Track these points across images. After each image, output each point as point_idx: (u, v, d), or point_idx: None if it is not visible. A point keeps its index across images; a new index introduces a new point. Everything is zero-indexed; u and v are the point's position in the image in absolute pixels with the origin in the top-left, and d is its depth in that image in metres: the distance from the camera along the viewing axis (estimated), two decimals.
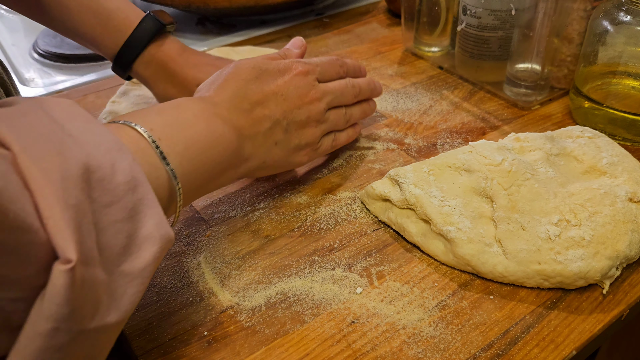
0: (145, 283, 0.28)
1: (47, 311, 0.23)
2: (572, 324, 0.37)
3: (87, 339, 0.25)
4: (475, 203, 0.41)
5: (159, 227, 0.29)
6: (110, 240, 0.26)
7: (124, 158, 0.28)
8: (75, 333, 0.24)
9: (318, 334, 0.36)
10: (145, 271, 0.28)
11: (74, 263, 0.23)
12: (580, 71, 0.55)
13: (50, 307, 0.23)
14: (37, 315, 0.23)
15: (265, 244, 0.44)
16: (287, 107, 0.43)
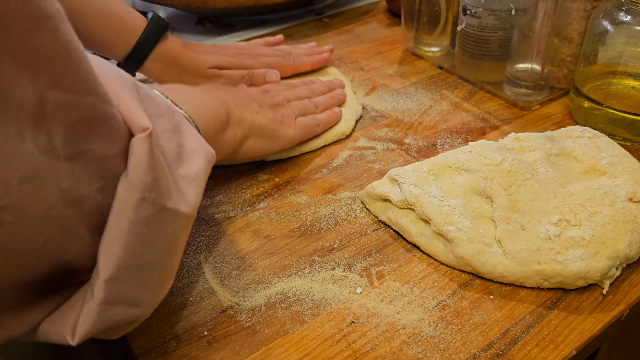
0: (200, 188, 0.32)
1: (133, 181, 0.25)
2: (572, 324, 0.37)
3: (167, 220, 0.28)
4: (475, 203, 0.41)
5: (200, 142, 0.33)
6: (166, 145, 0.30)
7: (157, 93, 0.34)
8: (158, 207, 0.27)
9: (318, 334, 0.36)
10: (199, 176, 0.32)
11: (150, 130, 0.26)
12: (580, 71, 0.55)
13: (135, 177, 0.25)
14: (124, 189, 0.25)
15: (265, 244, 0.44)
16: (254, 96, 0.50)
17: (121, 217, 0.25)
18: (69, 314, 0.26)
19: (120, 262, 0.26)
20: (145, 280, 0.28)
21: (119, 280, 0.26)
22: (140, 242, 0.26)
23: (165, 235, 0.28)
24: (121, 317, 0.27)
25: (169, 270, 0.31)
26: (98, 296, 0.26)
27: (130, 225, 0.25)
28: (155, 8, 0.89)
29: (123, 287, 0.26)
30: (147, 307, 0.29)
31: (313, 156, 0.54)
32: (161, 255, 0.28)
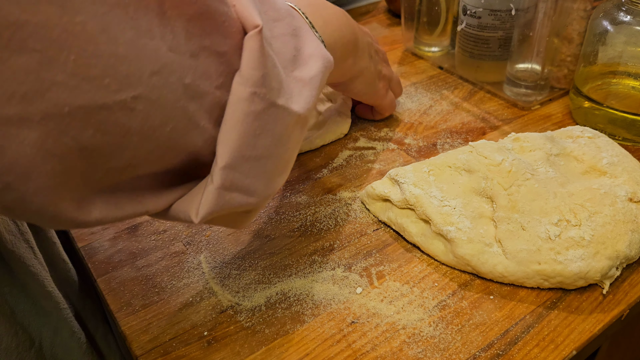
0: (315, 91, 0.33)
1: (245, 76, 0.27)
2: (572, 324, 0.37)
3: (277, 116, 0.29)
4: (475, 203, 0.41)
5: (319, 48, 0.34)
6: (281, 48, 0.31)
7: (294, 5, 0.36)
8: (268, 103, 0.28)
9: (318, 334, 0.36)
10: (314, 80, 0.33)
11: (260, 27, 0.27)
12: (580, 71, 0.55)
13: (246, 72, 0.27)
14: (237, 85, 0.27)
15: (265, 244, 0.44)
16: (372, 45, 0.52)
17: (235, 109, 0.27)
18: (194, 197, 0.29)
19: (235, 151, 0.28)
20: (259, 170, 0.30)
21: (234, 167, 0.28)
22: (253, 133, 0.28)
23: (276, 129, 0.29)
24: (237, 203, 0.29)
25: (282, 164, 0.32)
26: (216, 181, 0.28)
27: (244, 118, 0.27)
28: None
29: (238, 175, 0.28)
30: (260, 197, 0.31)
31: (313, 156, 0.54)
32: (273, 148, 0.30)
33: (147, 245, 0.44)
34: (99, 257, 0.43)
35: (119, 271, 0.42)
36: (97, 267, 0.42)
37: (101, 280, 0.41)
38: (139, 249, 0.43)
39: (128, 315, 0.38)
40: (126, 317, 0.38)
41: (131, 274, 0.41)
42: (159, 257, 0.43)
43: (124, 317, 0.38)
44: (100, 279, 0.41)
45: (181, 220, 0.29)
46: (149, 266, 0.42)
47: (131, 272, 0.41)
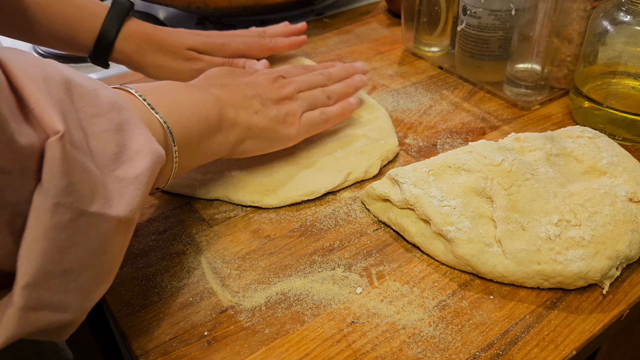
0: (142, 190, 0.31)
1: (46, 186, 0.25)
2: (572, 324, 0.37)
3: (90, 224, 0.27)
4: (475, 203, 0.41)
5: (148, 142, 0.32)
6: (100, 146, 0.29)
7: (107, 89, 0.32)
8: (76, 212, 0.26)
9: (318, 334, 0.37)
10: (140, 177, 0.31)
11: (62, 133, 0.25)
12: (580, 71, 0.55)
13: (49, 181, 0.25)
14: (38, 196, 0.25)
15: (265, 244, 0.44)
16: (258, 89, 0.47)
17: (37, 222, 0.25)
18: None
19: (39, 267, 0.25)
20: (70, 285, 0.27)
21: (38, 285, 0.26)
22: (59, 247, 0.26)
23: (89, 239, 0.27)
24: (47, 323, 0.27)
25: (100, 274, 0.30)
26: (17, 302, 0.25)
27: (46, 231, 0.25)
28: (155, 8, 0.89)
29: (44, 292, 0.26)
30: (77, 312, 0.29)
31: None
32: (86, 259, 0.28)
33: (147, 245, 0.44)
34: None
35: (119, 271, 0.42)
36: None
37: None
38: (139, 249, 0.43)
39: (128, 315, 0.38)
40: (126, 317, 0.38)
41: (131, 274, 0.41)
42: (159, 257, 0.43)
43: (124, 317, 0.38)
44: None
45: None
46: (149, 266, 0.42)
47: (131, 272, 0.41)
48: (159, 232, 0.45)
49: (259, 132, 0.45)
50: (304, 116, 0.49)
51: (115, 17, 0.53)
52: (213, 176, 0.49)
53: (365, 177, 0.50)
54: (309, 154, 0.52)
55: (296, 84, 0.50)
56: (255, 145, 0.46)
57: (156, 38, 0.55)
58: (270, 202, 0.47)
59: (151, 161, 0.31)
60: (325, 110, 0.51)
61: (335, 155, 0.51)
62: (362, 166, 0.50)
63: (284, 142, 0.48)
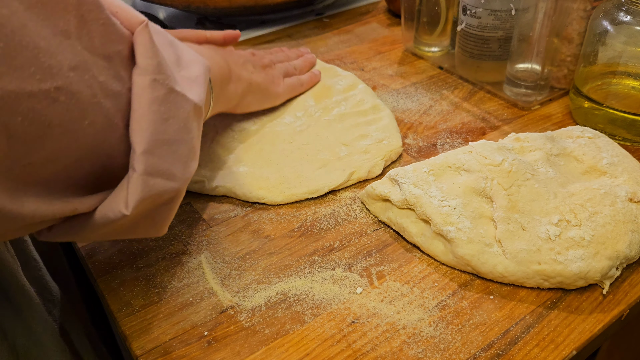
0: (202, 88, 0.36)
1: (142, 66, 0.30)
2: (572, 324, 0.37)
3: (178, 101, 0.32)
4: (475, 203, 0.41)
5: (195, 55, 0.38)
6: (164, 52, 0.33)
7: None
8: (168, 88, 0.31)
9: (318, 334, 0.36)
10: (199, 79, 0.36)
11: (146, 21, 0.30)
12: (580, 71, 0.55)
13: (143, 62, 0.30)
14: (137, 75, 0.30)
15: (265, 244, 0.44)
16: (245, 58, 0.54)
17: (141, 98, 0.29)
18: (119, 193, 0.30)
19: (150, 135, 0.30)
20: (174, 154, 0.32)
21: (152, 152, 0.30)
22: (161, 118, 0.30)
23: (180, 114, 0.32)
24: (161, 189, 0.31)
25: (191, 148, 0.34)
26: (139, 168, 0.29)
27: (150, 104, 0.30)
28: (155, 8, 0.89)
29: (157, 160, 0.30)
30: (180, 181, 0.33)
31: None
32: (181, 132, 0.32)
33: (147, 246, 0.44)
34: (99, 257, 0.43)
35: (119, 271, 0.42)
36: (97, 267, 0.42)
37: (101, 281, 0.41)
38: (139, 249, 0.43)
39: (128, 316, 0.38)
40: (126, 317, 0.38)
41: (131, 274, 0.41)
42: (159, 257, 0.43)
43: (124, 317, 0.38)
44: (100, 279, 0.41)
45: (110, 220, 0.30)
46: (149, 266, 0.42)
47: (131, 272, 0.41)
48: None
49: (257, 87, 0.53)
50: (284, 80, 0.57)
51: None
52: (221, 172, 0.49)
53: (368, 176, 0.50)
54: (313, 150, 0.52)
55: (268, 59, 0.59)
56: (254, 99, 0.53)
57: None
58: (275, 198, 0.47)
59: (203, 67, 0.37)
60: (299, 77, 0.60)
61: (339, 154, 0.52)
62: (366, 166, 0.50)
63: (274, 99, 0.56)
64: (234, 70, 0.50)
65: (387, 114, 0.57)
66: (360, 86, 0.61)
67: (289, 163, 0.51)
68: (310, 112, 0.57)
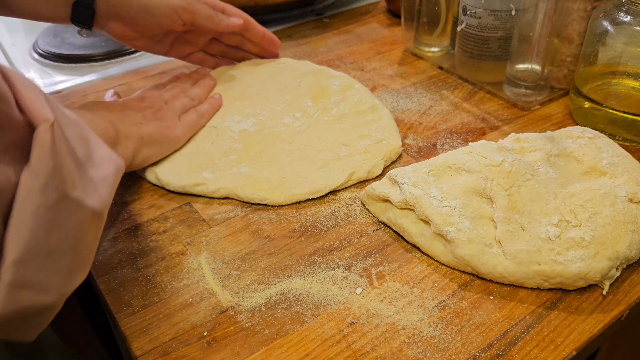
0: (110, 190, 0.33)
1: (35, 168, 0.27)
2: (572, 324, 0.37)
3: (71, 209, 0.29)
4: (475, 204, 0.41)
5: (110, 154, 0.35)
6: (74, 148, 0.31)
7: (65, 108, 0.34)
8: (61, 194, 0.28)
9: (318, 334, 0.36)
10: (108, 179, 0.33)
11: (52, 121, 0.28)
12: (580, 71, 0.55)
13: (38, 164, 0.27)
14: (27, 176, 0.27)
15: (265, 244, 0.44)
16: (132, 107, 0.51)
17: (26, 202, 0.26)
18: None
19: (27, 244, 0.27)
20: (53, 266, 0.29)
21: (25, 262, 0.27)
22: (45, 226, 0.27)
23: (70, 223, 0.29)
24: (30, 302, 0.28)
25: (79, 260, 0.31)
26: (5, 278, 0.26)
27: (36, 209, 0.27)
28: None
29: (30, 271, 0.27)
30: (57, 295, 0.30)
31: None
32: (67, 243, 0.29)
33: (147, 246, 0.44)
34: (99, 258, 0.43)
35: (119, 272, 0.42)
36: (97, 267, 0.42)
37: (101, 281, 0.41)
38: (139, 250, 0.43)
39: (128, 316, 0.38)
40: (126, 317, 0.38)
41: (131, 275, 0.41)
42: (159, 258, 0.43)
43: (123, 317, 0.38)
44: (100, 279, 0.41)
45: None
46: (149, 267, 0.42)
47: (131, 273, 0.41)
48: (159, 232, 0.45)
49: (150, 138, 0.49)
50: (182, 118, 0.54)
51: None
52: (222, 174, 0.49)
53: (368, 177, 0.50)
54: (313, 151, 0.52)
55: (161, 98, 0.55)
56: (151, 151, 0.50)
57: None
58: (277, 199, 0.47)
59: (115, 168, 0.35)
60: (198, 108, 0.56)
61: (339, 154, 0.52)
62: (365, 166, 0.50)
63: (174, 144, 0.52)
64: (120, 129, 0.47)
65: (386, 114, 0.57)
66: (357, 86, 0.61)
67: (289, 164, 0.51)
68: (309, 113, 0.57)
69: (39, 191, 0.27)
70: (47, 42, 0.78)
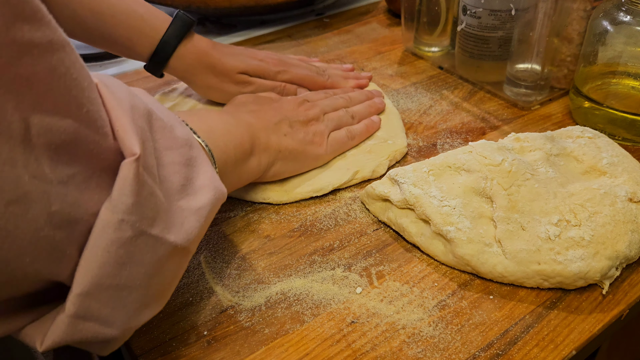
0: (202, 222, 0.32)
1: (114, 203, 0.26)
2: (571, 324, 0.37)
3: (148, 246, 0.28)
4: (475, 203, 0.41)
5: (213, 179, 0.33)
6: (169, 176, 0.30)
7: (183, 126, 0.34)
8: (137, 231, 0.27)
9: (318, 333, 0.37)
10: (201, 210, 0.32)
11: (138, 155, 0.26)
12: (580, 71, 0.55)
13: (118, 198, 0.26)
14: (106, 210, 0.26)
15: (265, 244, 0.44)
16: (284, 113, 0.49)
17: (100, 236, 0.26)
18: (44, 323, 0.27)
19: (94, 278, 0.26)
20: (120, 301, 0.28)
21: (91, 296, 0.26)
22: (116, 262, 0.27)
23: (144, 260, 0.28)
24: (91, 334, 0.28)
25: (150, 296, 0.30)
26: (69, 309, 0.26)
27: (108, 245, 0.26)
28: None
29: (95, 304, 0.27)
30: (120, 330, 0.29)
31: None
32: (139, 279, 0.28)
33: None
34: None
35: None
36: None
37: None
38: None
39: None
40: None
41: None
42: None
43: None
44: None
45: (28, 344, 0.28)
46: None
47: None
48: None
49: (289, 153, 0.47)
50: (331, 136, 0.50)
51: (174, 34, 0.53)
52: None
53: (372, 176, 0.50)
54: None
55: (320, 107, 0.52)
56: (286, 167, 0.47)
57: (209, 59, 0.55)
58: (281, 198, 0.47)
59: (213, 197, 0.33)
60: (351, 128, 0.52)
61: (344, 153, 0.52)
62: (370, 165, 0.50)
63: (314, 162, 0.49)
64: (259, 139, 0.44)
65: (394, 114, 0.57)
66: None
67: None
68: None
69: (114, 226, 0.26)
70: None
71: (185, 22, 0.54)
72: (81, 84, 0.25)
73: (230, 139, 0.41)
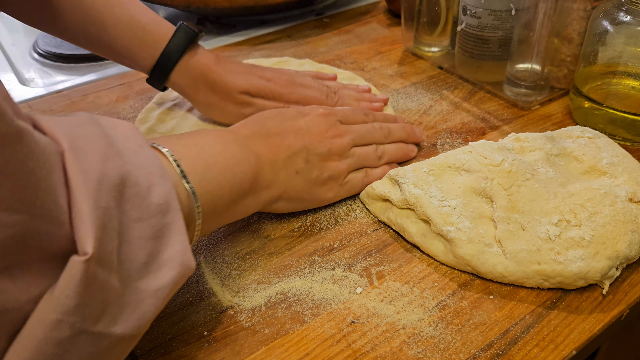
0: (158, 305, 0.29)
1: (55, 301, 0.24)
2: (572, 324, 0.37)
3: (88, 342, 0.26)
4: (475, 203, 0.41)
5: (181, 253, 0.30)
6: (132, 254, 0.28)
7: (163, 183, 0.30)
8: (76, 331, 0.25)
9: (318, 334, 0.37)
10: (160, 291, 0.29)
11: (89, 256, 0.24)
12: (580, 71, 0.55)
13: (58, 297, 0.24)
14: (44, 304, 0.24)
15: (265, 244, 0.44)
16: (307, 140, 0.43)
17: (34, 330, 0.24)
18: None
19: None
20: None
21: None
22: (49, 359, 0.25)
23: (83, 355, 0.26)
24: None
25: None
26: None
27: (41, 341, 0.24)
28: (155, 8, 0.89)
29: None
30: None
31: None
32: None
33: None
34: None
35: None
36: None
37: None
38: None
39: None
40: None
41: None
42: None
43: None
44: None
45: None
46: None
47: None
48: None
49: (295, 194, 0.43)
50: (347, 177, 0.46)
51: (175, 47, 0.51)
52: None
53: None
54: None
55: (352, 136, 0.46)
56: (287, 205, 0.44)
57: (211, 75, 0.52)
58: None
59: (178, 274, 0.30)
60: (370, 172, 0.48)
61: None
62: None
63: (318, 204, 0.46)
64: (264, 176, 0.40)
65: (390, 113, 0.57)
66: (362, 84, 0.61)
67: None
68: None
69: (49, 326, 0.24)
70: (47, 42, 0.78)
71: (189, 34, 0.51)
72: (38, 174, 0.23)
73: (228, 177, 0.37)
